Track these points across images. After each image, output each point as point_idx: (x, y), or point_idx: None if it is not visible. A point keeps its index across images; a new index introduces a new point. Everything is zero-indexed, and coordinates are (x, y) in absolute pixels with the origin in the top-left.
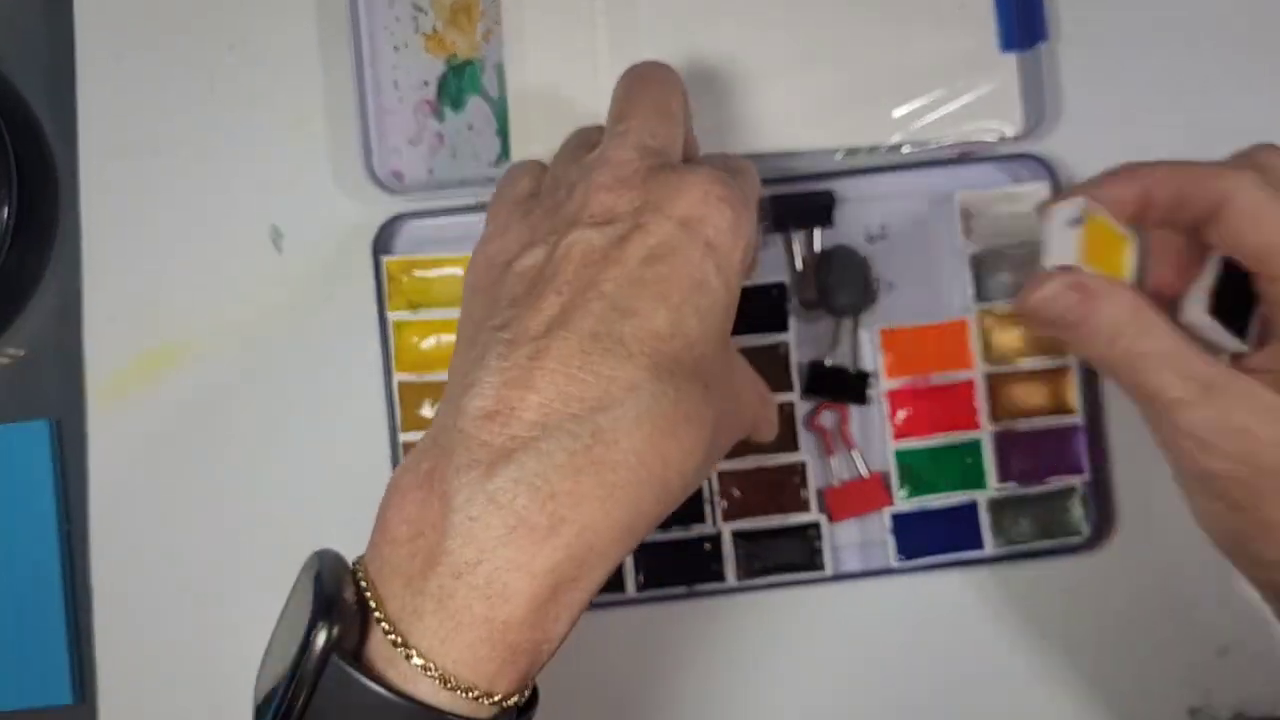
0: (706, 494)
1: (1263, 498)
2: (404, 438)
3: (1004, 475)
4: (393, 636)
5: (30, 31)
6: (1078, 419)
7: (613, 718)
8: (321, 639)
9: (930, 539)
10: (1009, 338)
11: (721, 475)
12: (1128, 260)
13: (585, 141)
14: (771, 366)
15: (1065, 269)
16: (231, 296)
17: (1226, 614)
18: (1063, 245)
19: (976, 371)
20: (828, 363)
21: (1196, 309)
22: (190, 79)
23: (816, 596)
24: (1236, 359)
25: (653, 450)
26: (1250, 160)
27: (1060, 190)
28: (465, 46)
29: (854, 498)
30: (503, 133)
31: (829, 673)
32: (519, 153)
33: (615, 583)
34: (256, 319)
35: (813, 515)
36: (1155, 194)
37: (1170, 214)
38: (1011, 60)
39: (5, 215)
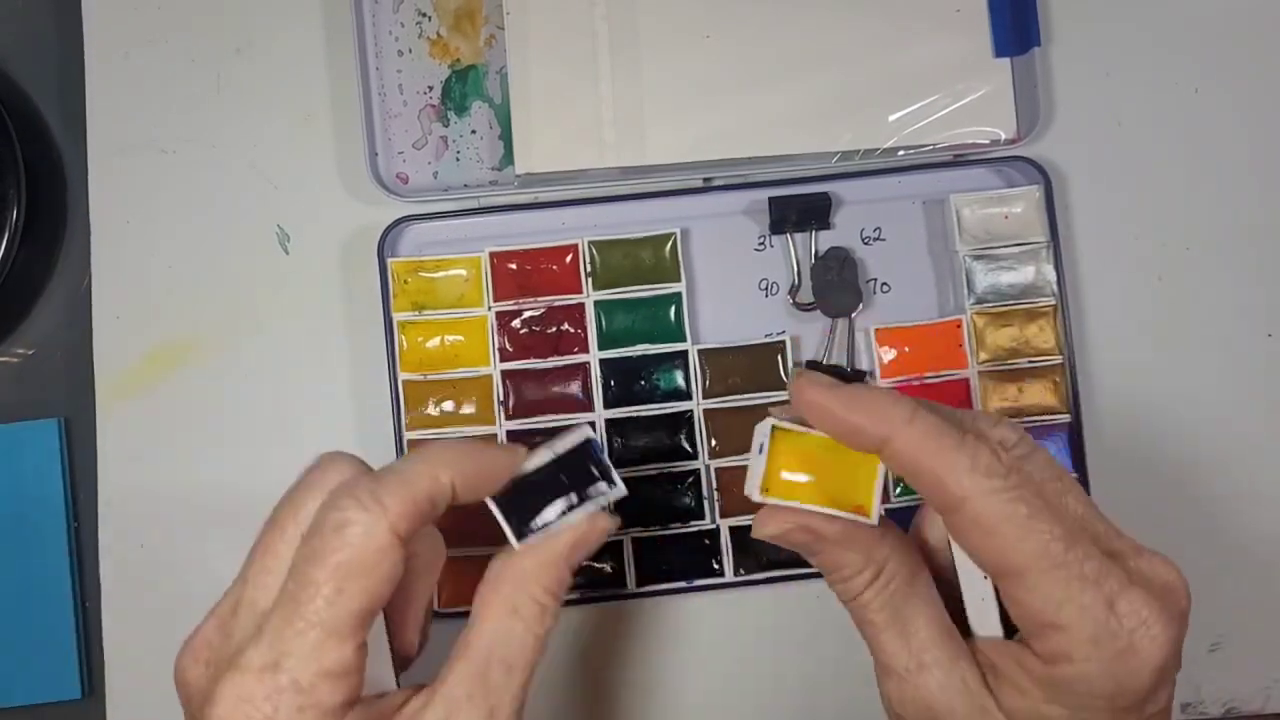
0: (705, 491)
1: None
2: (409, 436)
3: None
4: None
5: (39, 33)
6: (1068, 417)
7: (612, 712)
8: None
9: None
10: (1001, 337)
11: (719, 472)
12: (874, 489)
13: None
14: (769, 366)
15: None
16: (238, 297)
17: (1217, 610)
18: (754, 471)
19: (970, 370)
20: (824, 362)
21: (978, 576)
22: (198, 82)
23: (815, 592)
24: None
25: None
26: (983, 438)
27: (1052, 190)
28: (469, 52)
29: None
30: (506, 137)
31: (829, 669)
32: (521, 156)
33: (614, 578)
34: (263, 319)
35: None
36: (892, 454)
37: (903, 476)
38: (1005, 65)
39: (14, 215)
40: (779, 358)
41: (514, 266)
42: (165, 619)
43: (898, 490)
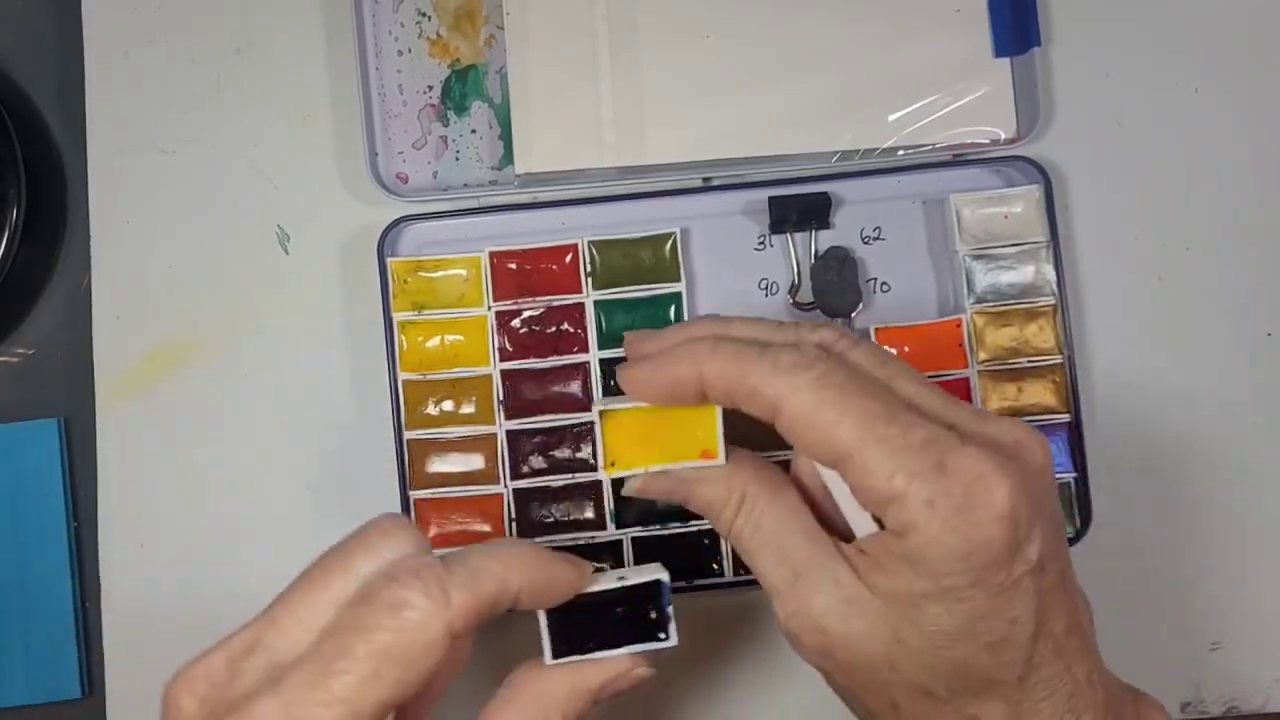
0: None
1: (854, 691)
2: (409, 435)
3: None
4: None
5: (39, 32)
6: (1068, 417)
7: (611, 712)
8: None
9: None
10: (1001, 337)
11: None
12: (716, 432)
13: None
14: None
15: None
16: (238, 296)
17: (1218, 609)
18: (599, 448)
19: (970, 370)
20: None
21: (832, 478)
22: (198, 82)
23: None
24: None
25: None
26: (796, 339)
27: (1052, 190)
28: (469, 51)
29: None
30: (506, 137)
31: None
32: (521, 156)
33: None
34: (263, 319)
35: None
36: (710, 389)
37: (734, 405)
38: (1005, 65)
39: (14, 215)
40: None
41: (514, 266)
42: (165, 619)
43: None
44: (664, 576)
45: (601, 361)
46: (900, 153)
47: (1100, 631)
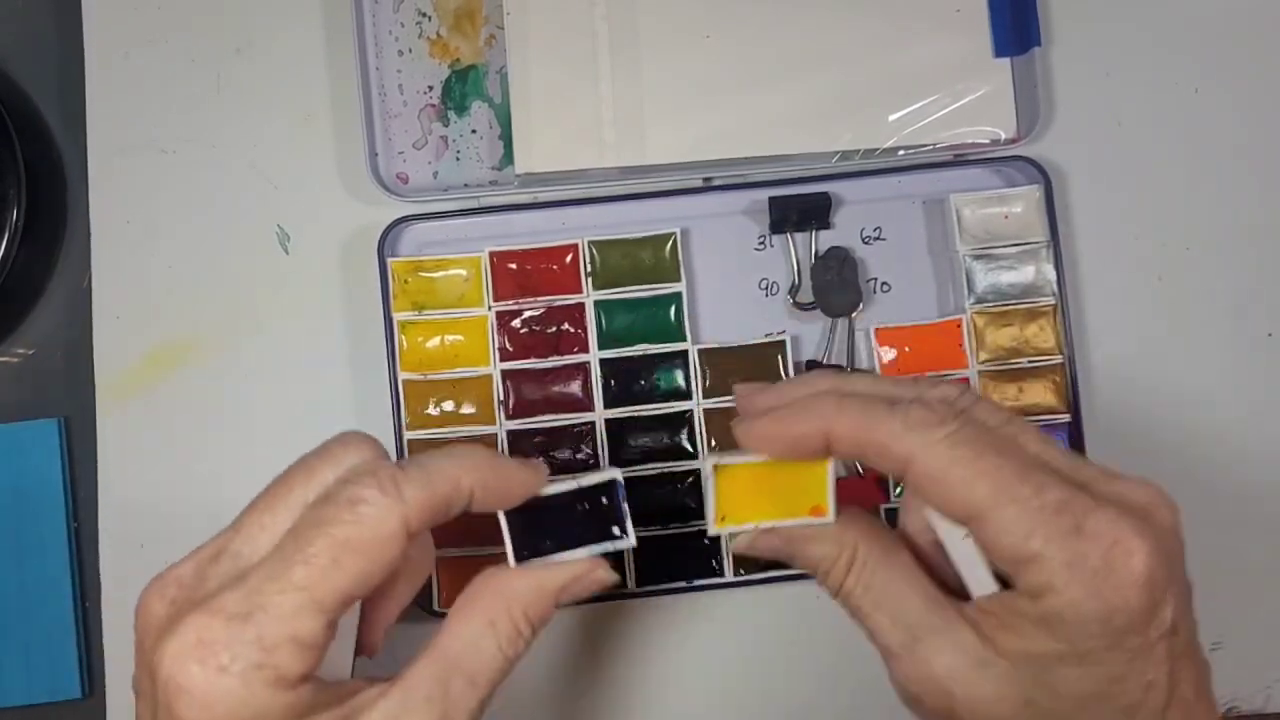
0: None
1: None
2: (409, 436)
3: None
4: None
5: (39, 33)
6: (1068, 417)
7: (612, 711)
8: None
9: None
10: (1001, 337)
11: None
12: (827, 489)
13: None
14: (769, 366)
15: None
16: (238, 296)
17: (1217, 610)
18: (708, 508)
19: (970, 370)
20: (824, 362)
21: (951, 537)
22: (198, 82)
23: (814, 592)
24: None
25: None
26: (918, 395)
27: (1052, 190)
28: (469, 51)
29: (850, 496)
30: (506, 137)
31: (829, 669)
32: (521, 156)
33: None
34: (263, 319)
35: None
36: (835, 446)
37: (861, 460)
38: (1005, 65)
39: (14, 216)
40: (779, 358)
41: (514, 266)
42: None
43: (897, 491)
44: (618, 476)
45: (601, 362)
46: (900, 153)
47: None
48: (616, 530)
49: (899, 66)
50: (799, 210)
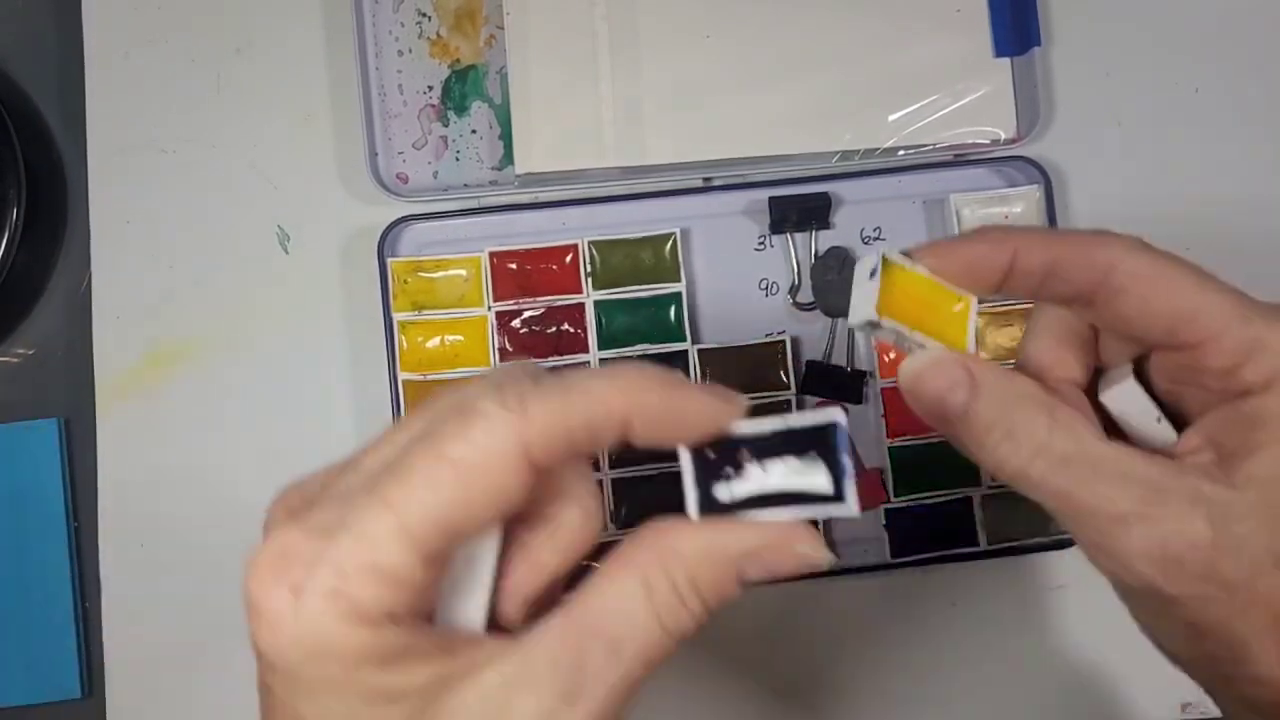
0: None
1: (1233, 615)
2: None
3: None
4: None
5: (39, 33)
6: None
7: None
8: None
9: (924, 535)
10: (1002, 337)
11: None
12: (968, 327)
13: None
14: (769, 366)
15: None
16: (238, 296)
17: None
18: (862, 299)
19: None
20: (825, 362)
21: (1123, 391)
22: (198, 82)
23: (811, 592)
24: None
25: None
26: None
27: (1052, 190)
28: (469, 52)
29: None
30: (506, 137)
31: (834, 667)
32: (521, 156)
33: None
34: (263, 319)
35: None
36: (1023, 261)
37: (1040, 285)
38: (1005, 65)
39: (14, 216)
40: (779, 358)
41: (514, 266)
42: (165, 619)
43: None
44: (840, 419)
45: (601, 362)
46: (900, 153)
47: (1101, 631)
48: (831, 489)
49: (899, 66)
50: (799, 210)
